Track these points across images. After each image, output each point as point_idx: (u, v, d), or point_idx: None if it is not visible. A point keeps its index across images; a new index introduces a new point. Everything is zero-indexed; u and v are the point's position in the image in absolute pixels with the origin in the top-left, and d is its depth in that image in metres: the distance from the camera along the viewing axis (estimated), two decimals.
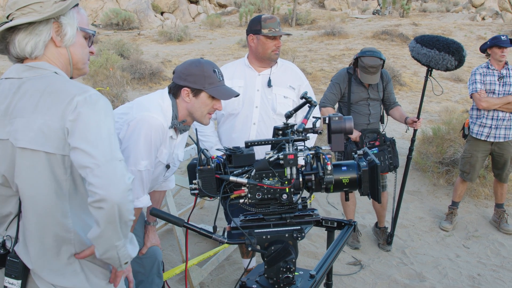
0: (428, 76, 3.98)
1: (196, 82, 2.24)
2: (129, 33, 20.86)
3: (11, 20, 1.57)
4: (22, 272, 1.57)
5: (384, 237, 4.42)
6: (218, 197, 1.79)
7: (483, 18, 23.27)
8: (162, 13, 29.01)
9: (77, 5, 1.67)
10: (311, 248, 4.31)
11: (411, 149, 4.21)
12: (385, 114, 4.35)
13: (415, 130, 4.12)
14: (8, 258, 1.58)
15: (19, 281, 1.57)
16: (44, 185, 1.52)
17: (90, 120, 1.50)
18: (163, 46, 17.77)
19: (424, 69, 4.02)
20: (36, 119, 1.49)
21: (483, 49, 4.65)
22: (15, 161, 1.52)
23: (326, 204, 5.34)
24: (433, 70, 3.94)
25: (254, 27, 3.10)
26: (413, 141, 4.20)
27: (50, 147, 1.50)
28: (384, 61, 3.95)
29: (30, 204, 1.54)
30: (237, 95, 2.35)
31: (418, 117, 4.03)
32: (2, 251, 1.59)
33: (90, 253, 1.63)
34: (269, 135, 3.08)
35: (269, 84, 3.16)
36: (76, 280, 1.61)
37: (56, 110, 1.50)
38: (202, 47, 17.49)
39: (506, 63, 4.58)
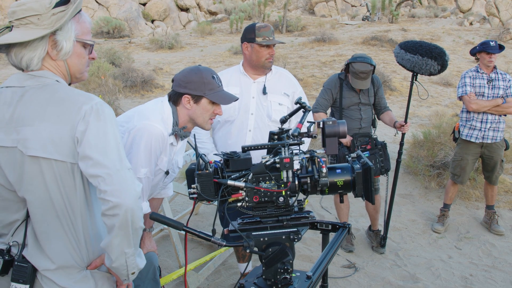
0: (414, 81, 4.06)
1: (196, 88, 2.29)
2: (120, 41, 20.85)
3: (11, 28, 1.59)
4: (30, 277, 1.59)
5: (378, 239, 4.48)
6: (216, 201, 1.83)
7: (470, 23, 23.55)
8: (152, 21, 29.04)
9: (79, 11, 1.66)
10: (305, 252, 4.35)
11: (400, 153, 4.28)
12: (376, 119, 4.42)
13: (403, 134, 4.20)
14: (16, 263, 1.60)
15: (27, 286, 1.59)
16: (55, 191, 1.56)
17: (99, 130, 1.54)
18: (154, 54, 17.78)
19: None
20: (45, 127, 1.52)
21: (473, 53, 4.75)
22: (23, 169, 1.55)
23: (319, 208, 5.38)
24: (419, 75, 4.03)
25: (248, 35, 3.15)
26: (401, 144, 4.27)
27: (60, 155, 1.53)
28: (374, 67, 4.03)
29: (45, 209, 1.57)
30: (237, 99, 2.41)
31: (405, 121, 4.11)
32: (7, 257, 1.61)
33: (101, 262, 1.67)
34: (264, 142, 3.12)
35: (264, 92, 3.21)
36: (85, 286, 1.65)
37: (65, 119, 1.53)
38: (193, 55, 17.53)
39: (495, 67, 4.67)
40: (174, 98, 2.36)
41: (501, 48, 4.53)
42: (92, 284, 1.67)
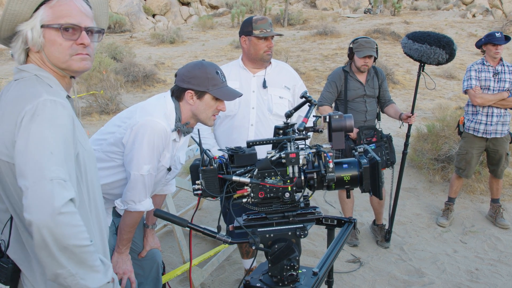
0: (421, 72, 4.04)
1: (199, 84, 2.25)
2: (121, 36, 20.80)
3: None
4: (10, 277, 1.52)
5: (382, 234, 4.46)
6: (221, 197, 1.80)
7: (473, 15, 23.43)
8: (153, 16, 28.95)
9: None
10: (310, 247, 4.33)
11: (406, 144, 4.25)
12: (380, 112, 4.39)
13: (409, 125, 4.17)
14: None
15: (7, 287, 1.53)
16: (16, 195, 1.48)
17: (28, 134, 1.38)
18: (156, 49, 17.73)
19: (417, 66, 4.08)
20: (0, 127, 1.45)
21: (478, 45, 4.69)
22: None
23: (323, 202, 5.36)
24: (426, 66, 4.01)
25: (246, 28, 3.12)
26: (408, 136, 4.24)
27: (11, 158, 1.42)
28: (376, 45, 4.08)
29: (16, 210, 1.50)
30: (241, 95, 2.37)
31: (412, 112, 4.08)
32: None
33: None
34: (267, 136, 3.09)
35: (264, 85, 3.18)
36: None
37: (10, 119, 1.43)
38: (195, 49, 17.47)
39: (501, 60, 4.62)
40: (177, 94, 2.32)
41: (507, 39, 4.48)
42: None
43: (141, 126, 2.19)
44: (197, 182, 1.81)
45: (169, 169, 2.39)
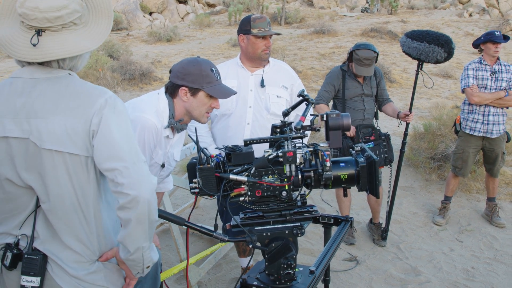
0: (419, 70, 4.04)
1: (194, 81, 2.24)
2: (118, 34, 20.73)
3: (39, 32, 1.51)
4: (41, 268, 1.57)
5: (379, 232, 4.46)
6: (218, 196, 1.80)
7: (470, 15, 23.47)
8: (150, 14, 28.86)
9: None
10: (307, 245, 4.33)
11: (404, 143, 4.26)
12: (378, 111, 4.40)
13: (407, 124, 4.18)
14: (26, 256, 1.57)
15: (38, 278, 1.56)
16: (68, 185, 1.54)
17: (114, 123, 1.55)
18: (153, 47, 17.69)
19: (414, 65, 4.08)
20: (59, 120, 1.51)
21: (476, 44, 4.70)
22: (36, 161, 1.53)
23: (320, 201, 5.36)
24: (423, 65, 4.02)
25: (244, 27, 3.11)
26: (405, 134, 4.25)
27: (75, 149, 1.52)
28: (377, 54, 4.01)
29: (58, 202, 1.56)
30: (235, 93, 2.36)
31: (410, 111, 4.09)
32: (15, 251, 1.58)
33: (112, 255, 1.66)
34: (262, 135, 3.09)
35: (262, 84, 3.17)
36: (96, 277, 1.64)
37: (79, 112, 1.52)
38: (192, 47, 17.44)
39: (498, 59, 4.63)
40: (171, 90, 2.31)
41: (505, 38, 4.49)
42: (102, 275, 1.66)
43: (131, 122, 2.19)
44: (194, 180, 1.82)
45: (163, 166, 2.39)
